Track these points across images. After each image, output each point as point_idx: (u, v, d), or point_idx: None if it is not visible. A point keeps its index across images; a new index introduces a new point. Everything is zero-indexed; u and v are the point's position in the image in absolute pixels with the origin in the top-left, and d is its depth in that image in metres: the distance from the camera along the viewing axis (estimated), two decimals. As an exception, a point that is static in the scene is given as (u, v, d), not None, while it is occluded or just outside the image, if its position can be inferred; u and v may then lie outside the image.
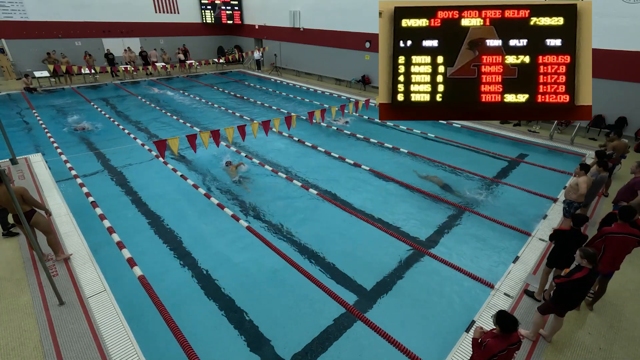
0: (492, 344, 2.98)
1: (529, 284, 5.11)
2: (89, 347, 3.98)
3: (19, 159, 8.55)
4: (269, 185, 8.10)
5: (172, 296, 4.84)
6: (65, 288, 4.79)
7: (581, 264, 3.70)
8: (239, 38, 24.90)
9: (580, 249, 3.77)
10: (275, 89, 18.12)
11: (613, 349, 4.21)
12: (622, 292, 5.06)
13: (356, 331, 4.41)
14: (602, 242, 4.39)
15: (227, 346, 4.23)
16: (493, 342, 2.99)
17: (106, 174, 8.46)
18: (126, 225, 6.46)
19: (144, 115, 13.09)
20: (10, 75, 17.08)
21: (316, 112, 8.92)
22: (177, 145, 6.76)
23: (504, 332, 3.00)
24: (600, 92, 10.44)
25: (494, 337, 3.03)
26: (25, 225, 4.10)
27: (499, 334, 3.03)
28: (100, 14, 19.15)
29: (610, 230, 4.34)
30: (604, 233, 4.37)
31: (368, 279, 5.31)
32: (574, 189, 5.81)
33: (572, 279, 3.67)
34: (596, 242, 4.45)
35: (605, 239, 4.35)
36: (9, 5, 16.53)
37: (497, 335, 3.03)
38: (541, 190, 7.87)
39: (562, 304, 3.92)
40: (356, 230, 6.52)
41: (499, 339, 3.00)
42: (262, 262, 5.59)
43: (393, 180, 8.37)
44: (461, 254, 5.88)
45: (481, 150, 10.32)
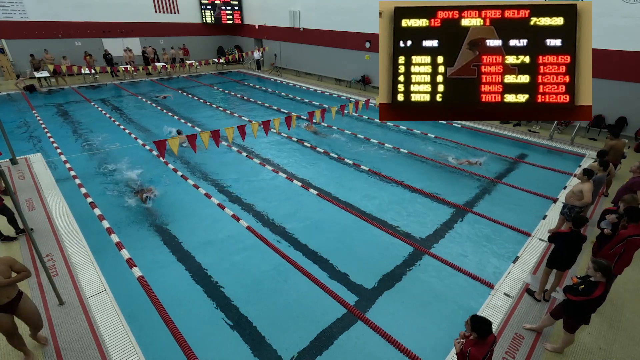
0: (475, 353, 2.90)
1: (528, 283, 5.11)
2: (89, 347, 3.98)
3: (19, 159, 8.55)
4: (268, 186, 8.10)
5: (172, 296, 4.83)
6: (65, 288, 4.79)
7: (595, 278, 3.54)
8: (239, 38, 24.90)
9: (594, 260, 3.58)
10: (275, 89, 18.12)
11: (613, 349, 4.21)
12: (622, 292, 5.06)
13: (356, 331, 4.41)
14: (622, 246, 4.38)
15: (227, 346, 4.22)
16: (476, 350, 2.91)
17: (106, 174, 8.46)
18: (126, 225, 6.46)
19: (144, 115, 13.09)
20: (10, 75, 17.07)
21: (316, 112, 8.92)
22: (177, 145, 6.76)
23: (482, 338, 2.92)
24: (600, 92, 10.44)
25: (474, 344, 2.95)
26: None
27: (478, 340, 2.94)
28: (100, 14, 19.15)
29: (631, 234, 4.33)
30: (626, 236, 4.34)
31: (368, 278, 5.30)
32: (577, 196, 5.71)
33: (591, 297, 3.52)
34: (617, 247, 4.41)
35: (628, 242, 4.34)
36: (9, 5, 16.53)
37: (477, 341, 2.94)
38: (541, 191, 7.87)
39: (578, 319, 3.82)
40: (356, 230, 6.52)
41: (479, 344, 2.92)
42: (262, 262, 5.59)
43: (393, 180, 8.37)
44: (461, 253, 5.87)
45: (481, 150, 10.31)
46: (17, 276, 3.59)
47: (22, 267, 3.68)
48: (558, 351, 4.10)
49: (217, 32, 24.12)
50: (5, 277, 3.47)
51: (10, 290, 3.58)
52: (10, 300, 3.56)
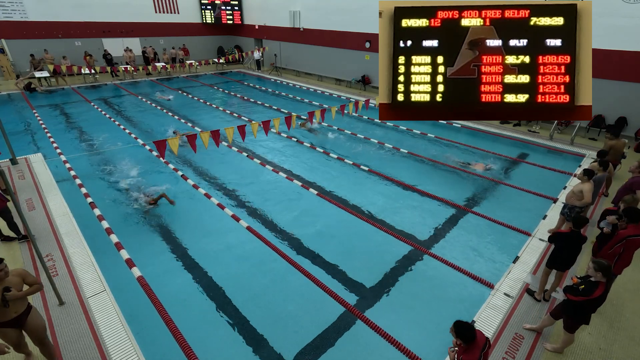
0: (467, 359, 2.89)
1: (528, 283, 5.11)
2: (89, 347, 3.98)
3: (19, 159, 8.55)
4: (268, 186, 8.10)
5: (172, 296, 4.83)
6: (65, 288, 4.79)
7: (595, 278, 3.53)
8: (239, 38, 24.90)
9: (594, 261, 3.57)
10: (275, 89, 18.12)
11: (613, 349, 4.21)
12: (622, 292, 5.06)
13: (356, 331, 4.41)
14: (621, 245, 4.37)
15: (227, 346, 4.22)
16: (467, 357, 2.89)
17: (106, 174, 8.46)
18: (125, 225, 6.46)
19: (144, 115, 13.09)
20: (10, 75, 17.08)
21: (316, 112, 8.92)
22: (177, 145, 6.77)
23: (468, 343, 2.89)
24: (600, 92, 10.44)
25: (464, 351, 2.92)
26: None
27: (467, 346, 2.91)
28: (100, 14, 19.15)
29: (630, 234, 4.32)
30: (625, 237, 4.34)
31: (368, 278, 5.31)
32: (577, 196, 5.71)
33: (591, 297, 3.52)
34: (616, 247, 4.41)
35: (627, 242, 4.33)
36: (9, 5, 16.52)
37: (467, 348, 2.91)
38: (541, 191, 7.87)
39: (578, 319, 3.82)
40: (356, 229, 6.52)
41: (470, 350, 2.90)
42: (262, 262, 5.59)
43: (392, 180, 8.37)
44: (461, 253, 5.87)
45: (481, 150, 10.31)
46: (29, 289, 3.44)
47: (35, 280, 3.53)
48: (558, 351, 4.10)
49: (217, 32, 24.12)
50: (17, 290, 3.32)
51: (19, 305, 3.40)
52: (19, 315, 3.38)
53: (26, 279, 3.47)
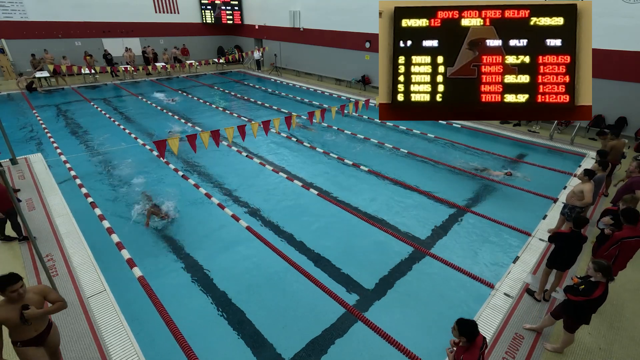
0: (468, 359, 2.88)
1: (528, 283, 5.11)
2: (89, 347, 3.98)
3: (19, 159, 8.55)
4: (269, 186, 8.09)
5: (173, 296, 4.83)
6: (66, 288, 4.79)
7: (595, 278, 3.53)
8: (239, 38, 24.90)
9: (594, 261, 3.58)
10: (275, 89, 18.12)
11: (613, 349, 4.21)
12: (622, 292, 5.06)
13: (356, 331, 4.41)
14: (617, 247, 4.36)
15: (227, 346, 4.22)
16: (468, 356, 2.88)
17: (106, 174, 8.46)
18: (125, 225, 6.46)
19: (144, 115, 13.09)
20: (10, 75, 17.07)
21: (316, 112, 8.92)
22: (176, 145, 6.76)
23: (471, 341, 2.88)
24: (600, 92, 10.44)
25: (465, 350, 2.91)
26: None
27: (468, 345, 2.90)
28: (100, 14, 19.14)
29: (624, 235, 4.32)
30: (619, 239, 4.33)
31: (368, 279, 5.30)
32: (577, 196, 5.70)
33: (591, 298, 3.51)
34: (611, 249, 4.40)
35: (621, 244, 4.33)
36: (9, 5, 16.52)
37: (468, 347, 2.90)
38: (541, 190, 7.87)
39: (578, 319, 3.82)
40: (356, 230, 6.52)
41: (470, 349, 2.89)
42: (262, 263, 5.58)
43: (393, 180, 8.37)
44: (461, 253, 5.87)
45: (481, 150, 10.31)
46: (51, 307, 3.22)
47: (58, 297, 3.29)
48: (558, 351, 4.10)
49: (217, 32, 24.11)
50: (37, 307, 3.13)
51: (40, 323, 3.19)
52: (39, 333, 3.18)
53: (48, 297, 3.29)
